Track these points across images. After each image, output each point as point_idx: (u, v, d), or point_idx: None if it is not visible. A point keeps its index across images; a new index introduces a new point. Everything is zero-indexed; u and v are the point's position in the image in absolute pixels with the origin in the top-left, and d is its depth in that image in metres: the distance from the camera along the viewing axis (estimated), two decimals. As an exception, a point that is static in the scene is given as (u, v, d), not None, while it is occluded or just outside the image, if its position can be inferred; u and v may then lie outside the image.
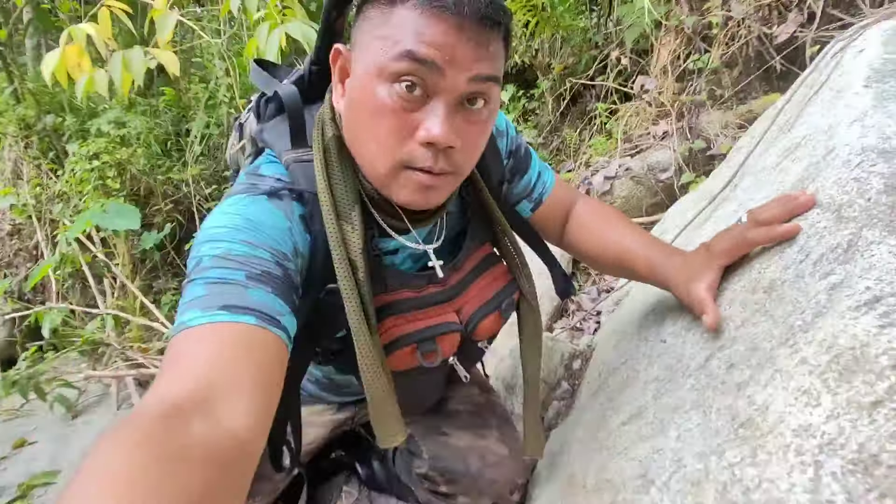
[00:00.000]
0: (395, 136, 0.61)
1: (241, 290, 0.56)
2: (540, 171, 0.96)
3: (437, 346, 0.78)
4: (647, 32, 2.10)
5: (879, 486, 0.38)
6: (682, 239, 1.31)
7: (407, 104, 0.60)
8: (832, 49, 1.19)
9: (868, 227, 0.59)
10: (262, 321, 0.55)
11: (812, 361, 0.50)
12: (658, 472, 0.65)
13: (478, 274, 0.84)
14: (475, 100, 0.62)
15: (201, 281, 0.56)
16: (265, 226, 0.62)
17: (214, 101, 3.74)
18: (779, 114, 1.22)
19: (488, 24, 0.59)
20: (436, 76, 0.58)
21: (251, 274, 0.57)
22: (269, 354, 0.54)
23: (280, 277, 0.60)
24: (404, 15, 0.58)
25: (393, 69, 0.58)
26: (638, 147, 2.05)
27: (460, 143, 0.62)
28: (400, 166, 0.63)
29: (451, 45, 0.57)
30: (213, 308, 0.53)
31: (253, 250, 0.59)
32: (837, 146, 0.80)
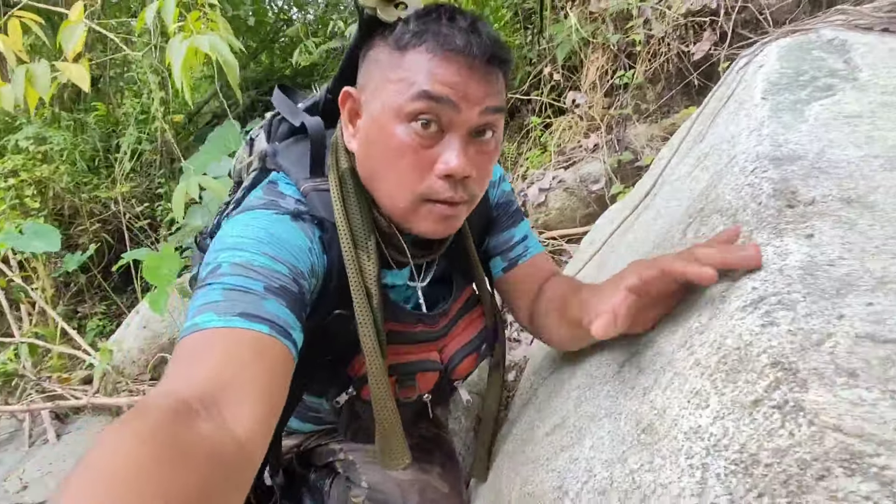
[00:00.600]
0: (415, 171, 0.66)
1: (258, 299, 0.57)
2: (526, 236, 0.95)
3: (415, 382, 0.82)
4: (576, 50, 2.16)
5: (758, 485, 0.39)
6: (607, 247, 1.34)
7: (424, 141, 0.64)
8: (738, 64, 1.26)
9: (758, 230, 0.61)
10: (275, 332, 0.56)
11: (704, 363, 0.50)
12: (572, 482, 0.64)
13: (460, 316, 0.89)
14: (484, 131, 0.68)
15: (219, 286, 0.58)
16: (287, 243, 0.65)
17: (147, 115, 3.59)
18: (692, 126, 1.27)
19: (495, 63, 0.65)
20: (450, 112, 0.63)
21: (269, 286, 0.59)
22: (278, 364, 0.56)
23: (296, 294, 0.62)
24: (416, 58, 0.63)
25: (410, 109, 0.63)
26: (571, 159, 2.10)
27: (475, 172, 0.67)
28: (420, 200, 0.67)
29: (464, 83, 0.63)
30: (230, 314, 0.55)
31: (273, 264, 0.61)
32: (737, 154, 0.84)
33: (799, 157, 0.75)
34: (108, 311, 3.17)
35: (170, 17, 1.39)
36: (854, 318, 0.46)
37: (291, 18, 3.98)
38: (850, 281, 0.51)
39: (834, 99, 0.93)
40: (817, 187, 0.68)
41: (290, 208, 0.69)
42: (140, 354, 2.40)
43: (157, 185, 3.52)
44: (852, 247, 0.56)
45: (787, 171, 0.72)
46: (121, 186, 3.33)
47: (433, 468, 1.00)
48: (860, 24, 1.24)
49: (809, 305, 0.48)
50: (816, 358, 0.42)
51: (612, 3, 2.03)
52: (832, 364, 0.42)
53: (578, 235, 1.90)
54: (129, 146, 3.43)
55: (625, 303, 0.60)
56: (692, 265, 0.56)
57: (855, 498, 0.35)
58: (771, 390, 0.42)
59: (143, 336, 2.44)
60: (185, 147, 3.71)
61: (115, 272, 3.06)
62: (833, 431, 0.37)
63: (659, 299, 0.65)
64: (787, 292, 0.50)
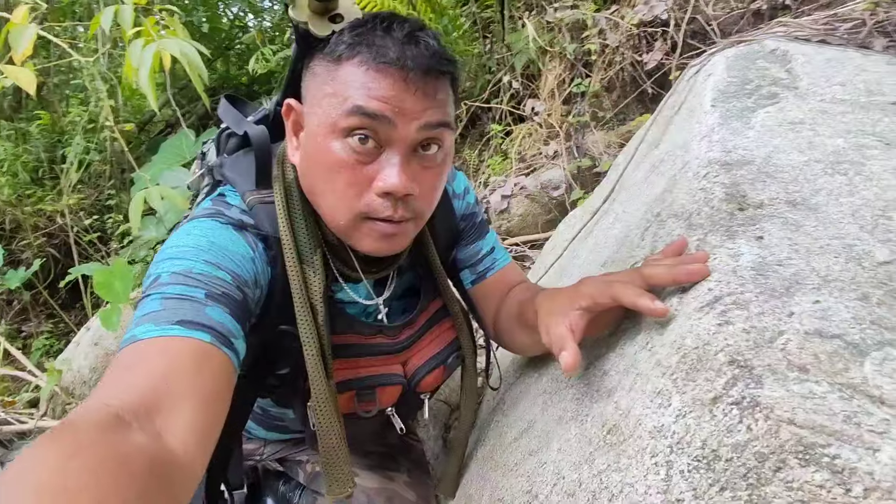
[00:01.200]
0: (352, 188, 0.63)
1: (198, 306, 0.55)
2: (494, 247, 0.95)
3: (375, 396, 0.79)
4: (534, 58, 2.21)
5: (720, 479, 0.40)
6: (568, 252, 1.36)
7: (361, 157, 0.62)
8: (688, 73, 1.31)
9: (711, 233, 0.64)
10: (216, 340, 0.54)
11: (665, 363, 0.52)
12: (541, 486, 0.65)
13: (427, 329, 0.86)
14: (428, 145, 0.65)
15: (158, 296, 0.56)
16: (229, 251, 0.62)
17: (95, 124, 3.45)
18: (646, 133, 1.31)
19: (434, 75, 0.62)
20: (387, 128, 0.61)
21: (211, 293, 0.57)
22: (217, 374, 0.53)
23: (239, 301, 0.60)
24: (350, 71, 0.61)
25: (344, 125, 0.61)
26: (532, 166, 2.13)
27: (418, 189, 0.64)
28: (360, 217, 0.65)
29: (399, 98, 0.60)
30: (169, 323, 0.53)
31: (215, 271, 0.59)
32: (690, 160, 0.87)
33: (747, 161, 0.79)
34: (55, 330, 3.02)
35: (128, 22, 1.34)
36: (803, 315, 0.48)
37: (247, 25, 3.90)
38: (798, 280, 0.54)
39: (778, 106, 0.98)
40: (765, 191, 0.71)
41: (234, 218, 0.67)
42: (91, 373, 2.29)
43: (107, 197, 3.38)
44: (799, 247, 0.59)
45: (736, 176, 0.75)
46: (67, 198, 3.18)
47: (399, 476, 0.99)
48: (799, 35, 1.31)
49: (762, 304, 0.50)
50: (770, 354, 0.44)
51: (567, 14, 2.08)
52: (784, 360, 0.44)
53: (541, 241, 1.92)
54: (76, 156, 3.28)
55: (581, 323, 0.63)
56: (643, 298, 0.57)
57: (809, 487, 0.36)
58: (729, 387, 0.43)
59: (95, 354, 2.33)
60: (137, 157, 3.58)
61: (63, 288, 2.92)
62: (787, 425, 0.39)
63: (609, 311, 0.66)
64: (740, 292, 0.52)
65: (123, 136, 3.36)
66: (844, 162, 0.77)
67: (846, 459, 0.37)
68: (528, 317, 0.78)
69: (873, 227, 0.63)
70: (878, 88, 1.03)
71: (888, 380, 0.41)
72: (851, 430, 0.38)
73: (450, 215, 0.89)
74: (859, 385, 0.41)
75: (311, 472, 0.99)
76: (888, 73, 1.09)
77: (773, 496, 0.37)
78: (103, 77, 3.09)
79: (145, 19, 1.50)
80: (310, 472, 0.99)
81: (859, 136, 0.86)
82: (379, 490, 0.93)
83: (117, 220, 3.15)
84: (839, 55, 1.19)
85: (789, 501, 0.37)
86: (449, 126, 0.66)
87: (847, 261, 0.57)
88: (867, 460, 0.36)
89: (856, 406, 0.39)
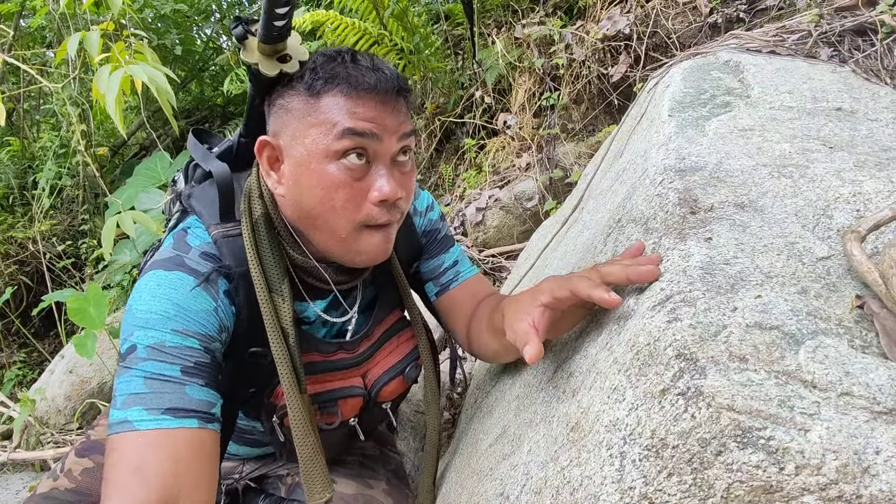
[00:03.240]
0: (351, 202, 0.70)
1: (179, 388, 0.65)
2: (457, 261, 0.99)
3: (337, 409, 0.84)
4: (505, 73, 2.26)
5: (667, 466, 0.42)
6: (541, 261, 1.39)
7: (355, 174, 0.70)
8: (648, 85, 1.36)
9: (666, 236, 0.67)
10: (203, 421, 0.65)
11: (620, 360, 0.54)
12: (512, 487, 0.67)
13: (386, 339, 0.91)
14: (404, 153, 0.74)
15: (139, 373, 0.65)
16: (192, 311, 0.69)
17: (67, 149, 3.42)
18: (611, 143, 1.36)
19: (402, 94, 0.72)
20: (375, 144, 0.70)
21: (185, 368, 0.66)
22: (210, 452, 0.66)
23: (208, 364, 0.69)
24: (333, 101, 0.68)
25: (337, 147, 0.68)
26: (505, 178, 2.18)
27: (404, 193, 0.73)
28: (360, 227, 0.72)
29: (381, 116, 0.69)
30: (158, 411, 0.63)
31: (184, 340, 0.67)
32: (648, 167, 0.90)
33: (700, 167, 0.83)
34: (28, 359, 2.96)
35: (95, 48, 1.35)
36: (745, 310, 0.51)
37: (221, 47, 3.91)
38: (742, 277, 0.57)
39: (730, 115, 1.02)
40: (715, 195, 0.75)
41: (194, 268, 0.72)
42: (66, 402, 2.25)
43: (81, 222, 3.34)
44: (744, 247, 0.62)
45: (689, 182, 0.79)
46: (39, 225, 3.13)
47: (378, 483, 1.00)
48: (751, 46, 1.37)
49: (708, 301, 0.53)
50: (713, 347, 0.47)
51: (535, 30, 2.14)
52: (727, 352, 0.46)
53: (516, 252, 1.96)
54: (48, 182, 3.24)
55: (543, 319, 0.67)
56: (598, 289, 0.61)
57: (747, 468, 0.39)
58: (676, 379, 0.46)
59: (70, 382, 2.28)
60: (111, 181, 3.55)
61: (36, 316, 2.86)
62: (727, 411, 0.42)
63: (572, 311, 0.71)
64: (689, 290, 0.55)
65: (96, 160, 3.34)
66: (790, 165, 0.82)
67: (780, 440, 0.39)
68: (496, 323, 0.82)
69: (814, 226, 0.67)
70: (823, 95, 1.09)
71: (820, 366, 0.44)
72: (785, 413, 0.41)
73: (411, 230, 0.94)
74: (794, 371, 0.44)
75: (291, 485, 1.00)
76: (832, 81, 1.15)
77: (714, 478, 0.40)
78: (74, 102, 3.07)
79: (114, 45, 1.52)
80: (290, 483, 1.00)
81: (805, 140, 0.91)
82: (356, 496, 0.95)
83: (91, 244, 3.11)
84: (788, 65, 1.26)
85: (729, 482, 0.39)
86: (416, 133, 0.76)
87: (789, 258, 0.60)
88: (799, 440, 0.39)
89: (790, 391, 0.42)
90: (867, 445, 0.39)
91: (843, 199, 0.70)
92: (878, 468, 0.38)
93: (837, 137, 0.92)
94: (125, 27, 2.22)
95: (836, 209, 0.69)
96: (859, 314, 0.52)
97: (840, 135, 0.91)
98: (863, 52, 1.23)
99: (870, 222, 0.60)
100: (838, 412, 0.41)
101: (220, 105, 3.84)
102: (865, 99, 1.06)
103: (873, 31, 1.26)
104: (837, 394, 0.42)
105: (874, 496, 0.37)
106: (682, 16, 1.89)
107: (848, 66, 1.22)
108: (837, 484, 0.38)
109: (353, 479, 0.99)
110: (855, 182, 0.72)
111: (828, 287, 0.56)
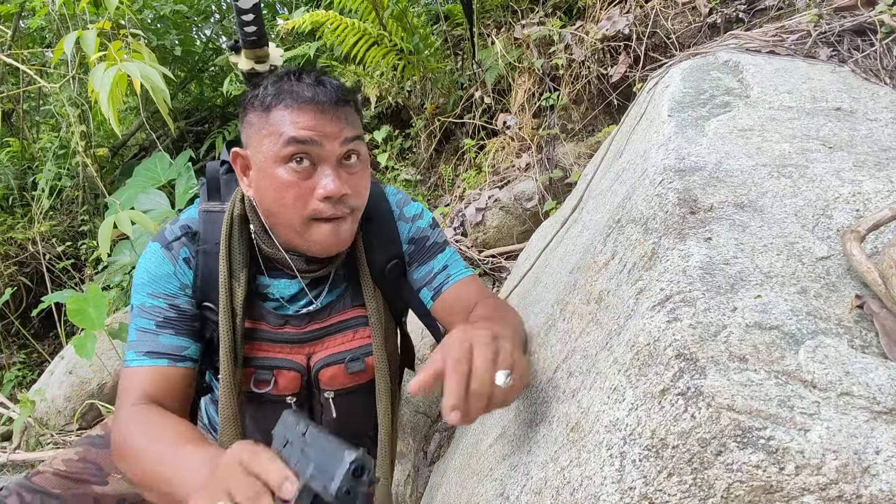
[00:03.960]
0: (299, 199, 0.82)
1: (154, 337, 0.88)
2: (447, 265, 1.02)
3: (272, 377, 0.94)
4: (504, 74, 2.26)
5: (667, 466, 0.42)
6: (541, 261, 1.39)
7: (301, 175, 0.81)
8: (648, 85, 1.36)
9: (665, 236, 0.67)
10: (172, 361, 0.88)
11: (620, 360, 0.54)
12: (512, 487, 0.67)
13: (339, 330, 0.98)
14: (350, 156, 0.85)
15: (134, 326, 0.89)
16: (158, 276, 0.90)
17: (67, 150, 3.41)
18: (611, 143, 1.36)
19: (342, 103, 0.83)
20: (316, 149, 0.81)
21: (158, 322, 0.88)
22: (180, 381, 0.88)
23: (176, 318, 0.90)
24: (279, 114, 0.81)
25: (284, 153, 0.80)
26: (505, 178, 2.18)
27: (349, 190, 0.83)
28: (309, 220, 0.83)
29: (321, 124, 0.80)
30: (141, 353, 0.87)
31: (155, 301, 0.89)
32: (648, 168, 0.90)
33: (700, 168, 0.83)
34: (28, 360, 2.95)
35: (91, 47, 1.35)
36: (745, 310, 0.51)
37: (220, 47, 3.91)
38: (742, 277, 0.57)
39: (730, 115, 1.02)
40: (715, 195, 0.75)
41: (165, 237, 0.92)
42: (66, 403, 2.25)
43: (81, 223, 3.34)
44: (744, 246, 0.62)
45: (689, 182, 0.79)
46: (39, 226, 3.13)
47: None
48: (750, 47, 1.37)
49: (707, 301, 0.53)
50: (713, 347, 0.47)
51: (534, 30, 2.14)
52: (726, 352, 0.46)
53: (516, 252, 1.95)
54: (48, 183, 3.24)
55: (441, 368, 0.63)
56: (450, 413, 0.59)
57: (747, 468, 0.39)
58: (675, 379, 0.46)
59: (69, 383, 2.28)
60: (111, 181, 3.54)
61: (36, 317, 2.86)
62: (727, 411, 0.42)
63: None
64: (688, 290, 0.55)
65: (96, 161, 3.33)
66: (789, 165, 0.82)
67: (780, 440, 0.39)
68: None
69: (814, 226, 0.67)
70: (823, 95, 1.09)
71: (820, 365, 0.44)
72: (785, 413, 0.41)
73: (390, 233, 1.02)
74: (793, 371, 0.44)
75: None
76: (832, 81, 1.15)
77: (714, 478, 0.40)
78: (74, 102, 3.07)
79: (110, 44, 1.51)
80: None
81: (804, 140, 0.91)
82: None
83: (91, 245, 3.11)
84: (787, 65, 1.26)
85: (729, 482, 0.39)
86: (360, 138, 0.86)
87: (788, 258, 0.60)
88: (798, 440, 0.39)
89: (790, 391, 0.42)
90: (867, 445, 0.39)
91: (843, 198, 0.70)
92: (878, 468, 0.38)
93: (837, 137, 0.92)
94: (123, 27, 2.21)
95: (835, 209, 0.69)
96: (859, 314, 0.52)
97: (839, 135, 0.91)
98: (862, 51, 1.23)
99: (869, 222, 0.60)
100: (838, 412, 0.41)
101: (219, 105, 3.84)
102: (865, 99, 1.06)
103: (872, 30, 1.26)
104: (837, 394, 0.42)
105: (874, 496, 0.37)
106: (682, 16, 1.89)
107: (847, 65, 1.22)
108: (837, 484, 0.38)
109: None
110: (854, 182, 0.72)
111: (827, 287, 0.56)
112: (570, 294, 0.91)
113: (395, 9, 2.44)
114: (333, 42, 2.51)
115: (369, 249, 0.99)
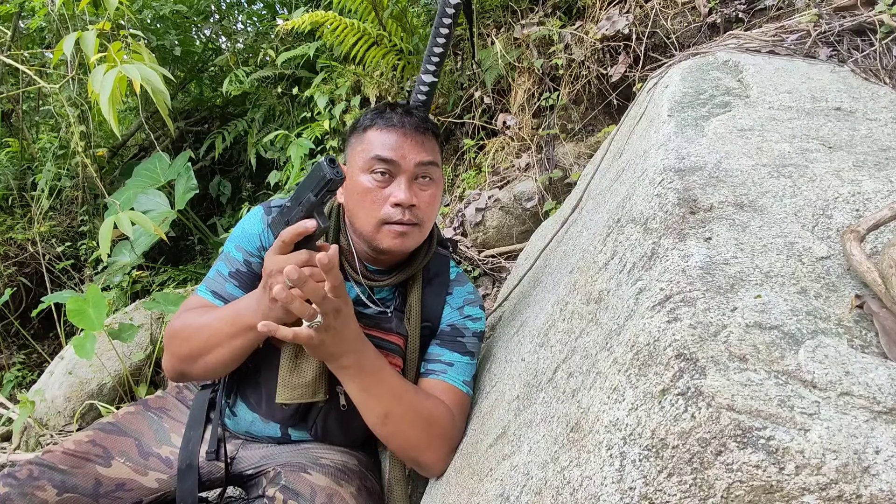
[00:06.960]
0: (375, 203, 0.97)
1: (223, 282, 1.05)
2: (452, 363, 1.07)
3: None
4: (504, 74, 2.26)
5: (667, 466, 0.42)
6: (541, 261, 1.39)
7: (380, 183, 0.97)
8: (648, 85, 1.36)
9: (665, 236, 0.67)
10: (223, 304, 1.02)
11: (620, 360, 0.54)
12: (513, 488, 0.66)
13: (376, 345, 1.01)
14: (424, 177, 1.00)
15: (215, 267, 1.07)
16: (247, 233, 1.06)
17: (67, 150, 3.41)
18: (610, 143, 1.35)
19: (421, 131, 1.00)
20: (395, 166, 0.97)
21: (231, 272, 1.05)
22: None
23: (245, 274, 1.05)
24: (371, 135, 0.99)
25: (369, 165, 0.98)
26: (505, 179, 2.17)
27: (417, 201, 0.98)
28: (381, 223, 0.97)
29: (401, 146, 0.97)
30: (209, 289, 1.05)
31: (237, 253, 1.06)
32: (648, 168, 0.90)
33: (699, 167, 0.83)
34: (27, 361, 2.95)
35: (90, 48, 1.35)
36: (745, 310, 0.51)
37: (220, 48, 3.91)
38: (742, 277, 0.57)
39: (730, 115, 1.02)
40: (715, 195, 0.75)
41: (270, 203, 1.09)
42: (66, 403, 2.24)
43: (80, 223, 3.33)
44: (744, 246, 0.63)
45: (689, 181, 0.79)
46: (38, 226, 3.13)
47: (349, 486, 1.05)
48: (750, 46, 1.37)
49: (707, 301, 0.53)
50: (713, 347, 0.47)
51: (534, 30, 2.14)
52: (726, 351, 0.46)
53: (516, 252, 1.95)
54: (48, 183, 3.24)
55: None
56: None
57: (747, 468, 0.39)
58: (675, 379, 0.46)
59: (69, 383, 2.28)
60: (110, 182, 3.54)
61: (35, 318, 2.86)
62: (727, 411, 0.42)
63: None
64: (688, 290, 0.55)
65: (95, 162, 3.33)
66: (789, 165, 0.82)
67: (780, 440, 0.39)
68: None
69: (814, 226, 0.67)
70: (823, 95, 1.09)
71: (819, 365, 0.44)
72: (785, 413, 0.41)
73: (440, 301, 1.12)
74: (793, 371, 0.44)
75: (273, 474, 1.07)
76: (831, 81, 1.15)
77: (714, 478, 0.40)
78: (73, 103, 3.06)
79: (110, 45, 1.51)
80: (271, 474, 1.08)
81: (804, 140, 0.91)
82: (324, 487, 1.00)
83: (91, 246, 3.11)
84: (787, 64, 1.26)
85: (729, 482, 0.39)
86: (435, 164, 1.01)
87: (788, 257, 0.60)
88: (798, 440, 0.39)
89: (789, 391, 0.42)
90: (867, 445, 0.39)
91: (843, 198, 0.70)
92: (878, 468, 0.38)
93: (836, 137, 0.92)
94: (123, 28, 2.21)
95: (835, 209, 0.69)
96: (859, 314, 0.52)
97: (839, 134, 0.91)
98: (862, 51, 1.23)
99: (869, 222, 0.60)
100: (838, 412, 0.41)
101: (219, 106, 3.84)
102: (864, 99, 1.06)
103: (872, 30, 1.26)
104: (837, 393, 0.42)
105: (874, 496, 0.37)
106: (681, 16, 1.89)
107: (847, 65, 1.22)
108: (837, 483, 0.38)
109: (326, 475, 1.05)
110: (854, 182, 0.72)
111: (827, 287, 0.56)
112: (570, 294, 0.91)
113: (394, 9, 2.43)
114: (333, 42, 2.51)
115: (425, 301, 1.10)
